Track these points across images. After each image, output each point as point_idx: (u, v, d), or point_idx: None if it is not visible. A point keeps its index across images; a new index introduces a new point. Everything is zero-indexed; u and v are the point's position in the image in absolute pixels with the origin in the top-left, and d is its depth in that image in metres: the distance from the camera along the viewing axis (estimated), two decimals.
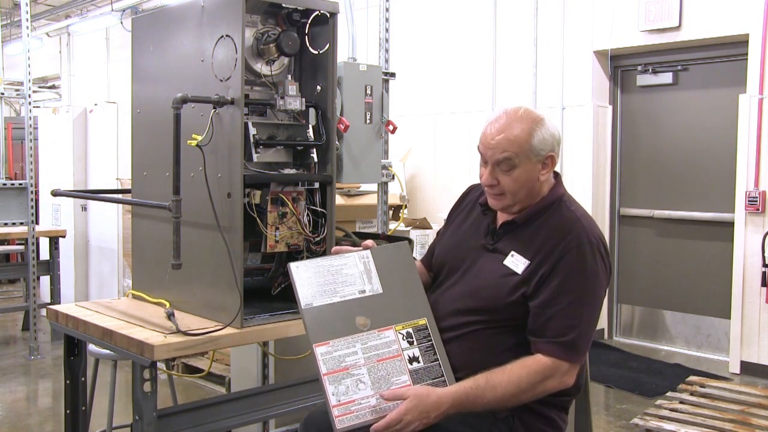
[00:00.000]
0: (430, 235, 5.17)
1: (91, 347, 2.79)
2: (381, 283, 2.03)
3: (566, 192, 2.14)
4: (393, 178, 3.71)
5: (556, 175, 2.17)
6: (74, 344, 2.64)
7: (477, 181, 2.17)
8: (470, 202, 2.28)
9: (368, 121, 3.25)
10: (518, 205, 2.08)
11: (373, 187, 4.10)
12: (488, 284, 2.04)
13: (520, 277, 1.99)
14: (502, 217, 2.14)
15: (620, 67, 6.20)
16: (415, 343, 1.99)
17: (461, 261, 2.14)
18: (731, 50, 5.47)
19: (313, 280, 1.96)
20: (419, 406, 1.84)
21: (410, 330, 2.00)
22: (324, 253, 2.54)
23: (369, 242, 2.14)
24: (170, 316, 2.31)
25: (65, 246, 6.43)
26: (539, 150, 2.01)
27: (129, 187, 2.94)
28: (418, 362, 1.96)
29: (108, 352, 2.67)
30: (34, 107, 5.87)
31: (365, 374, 1.90)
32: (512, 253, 2.03)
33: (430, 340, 2.00)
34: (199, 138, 2.29)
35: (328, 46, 2.51)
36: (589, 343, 2.00)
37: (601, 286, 2.00)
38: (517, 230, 2.07)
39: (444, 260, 2.20)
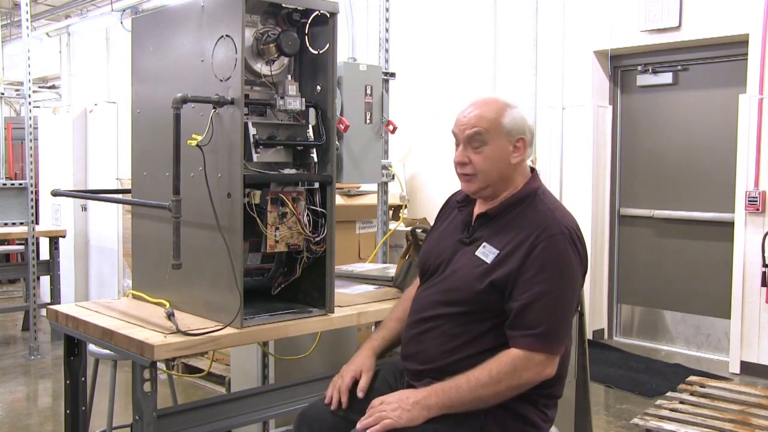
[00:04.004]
0: None
1: (91, 347, 2.79)
2: None
3: (542, 186, 2.18)
4: (393, 178, 3.71)
5: (533, 171, 2.21)
6: (74, 344, 2.64)
7: None
8: (450, 206, 2.35)
9: (368, 121, 3.25)
10: (490, 189, 2.13)
11: (373, 187, 4.10)
12: (461, 276, 2.09)
13: (488, 266, 2.04)
14: (477, 211, 2.19)
15: (620, 67, 6.20)
16: None
17: (440, 259, 2.20)
18: (731, 50, 5.47)
19: None
20: (396, 394, 2.02)
21: None
22: (324, 253, 2.54)
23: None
24: (170, 316, 2.31)
25: (65, 246, 6.43)
26: (510, 128, 2.08)
27: (129, 187, 2.94)
28: None
29: (108, 352, 2.66)
30: (34, 107, 5.87)
31: None
32: (484, 244, 2.09)
33: None
34: (199, 138, 2.29)
35: (328, 46, 2.50)
36: (564, 333, 2.01)
37: (575, 276, 2.01)
38: (490, 222, 2.12)
39: (426, 263, 2.28)
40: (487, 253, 2.06)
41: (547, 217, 2.04)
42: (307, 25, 2.48)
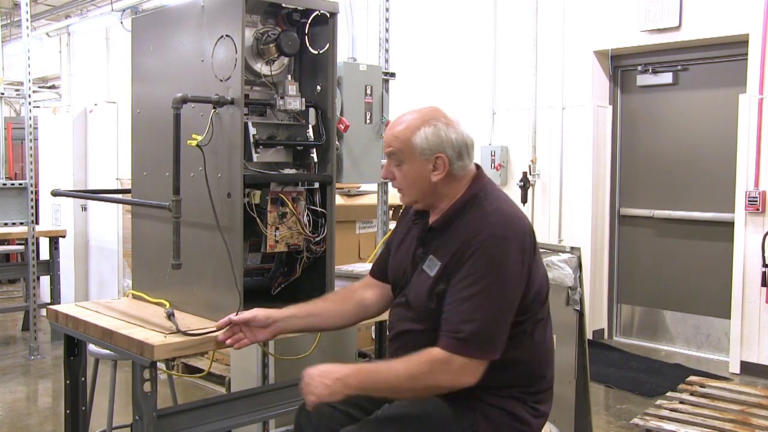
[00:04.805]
0: None
1: (91, 347, 2.79)
2: None
3: (485, 187, 2.11)
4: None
5: (478, 168, 2.15)
6: (74, 344, 2.64)
7: None
8: (409, 217, 2.30)
9: (368, 121, 3.25)
10: (421, 203, 2.13)
11: (373, 187, 4.10)
12: (415, 292, 2.09)
13: (432, 279, 2.03)
14: (430, 224, 2.17)
15: (620, 67, 6.20)
16: None
17: (403, 274, 2.19)
18: (731, 50, 5.48)
19: None
20: (321, 367, 2.00)
21: None
22: (324, 253, 2.55)
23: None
24: (170, 316, 2.31)
25: (65, 246, 6.43)
26: (423, 148, 2.03)
27: (129, 187, 2.94)
28: None
29: (108, 352, 2.67)
30: (34, 107, 5.87)
31: None
32: (430, 257, 2.07)
33: None
34: (199, 138, 2.29)
35: (328, 46, 2.51)
36: (493, 339, 1.93)
37: (505, 280, 1.93)
38: (437, 235, 2.09)
39: (394, 276, 2.26)
40: (431, 266, 2.05)
41: (481, 222, 1.99)
42: (307, 25, 2.49)
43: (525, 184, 6.30)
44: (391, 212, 4.38)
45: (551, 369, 2.14)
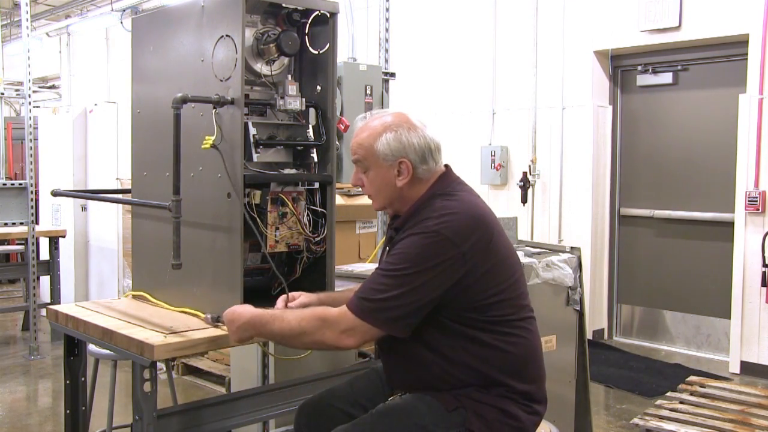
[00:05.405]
0: None
1: (91, 347, 2.79)
2: None
3: (450, 185, 2.13)
4: None
5: (447, 168, 2.18)
6: (74, 344, 2.64)
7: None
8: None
9: None
10: (390, 209, 2.18)
11: None
12: None
13: None
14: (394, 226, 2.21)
15: (620, 67, 6.20)
16: None
17: None
18: (731, 50, 5.48)
19: None
20: (233, 312, 2.15)
21: None
22: (324, 253, 2.55)
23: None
24: (216, 319, 2.31)
25: (65, 246, 6.43)
26: (386, 154, 2.08)
27: (129, 187, 2.94)
28: None
29: (108, 352, 2.66)
30: (34, 107, 5.87)
31: None
32: (386, 253, 2.14)
33: None
34: (212, 139, 2.30)
35: (328, 46, 2.50)
36: (390, 314, 1.96)
37: (425, 272, 1.95)
38: (398, 236, 2.11)
39: None
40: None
41: (424, 219, 2.02)
42: (307, 25, 2.48)
43: (525, 184, 6.31)
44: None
45: (536, 368, 2.14)
